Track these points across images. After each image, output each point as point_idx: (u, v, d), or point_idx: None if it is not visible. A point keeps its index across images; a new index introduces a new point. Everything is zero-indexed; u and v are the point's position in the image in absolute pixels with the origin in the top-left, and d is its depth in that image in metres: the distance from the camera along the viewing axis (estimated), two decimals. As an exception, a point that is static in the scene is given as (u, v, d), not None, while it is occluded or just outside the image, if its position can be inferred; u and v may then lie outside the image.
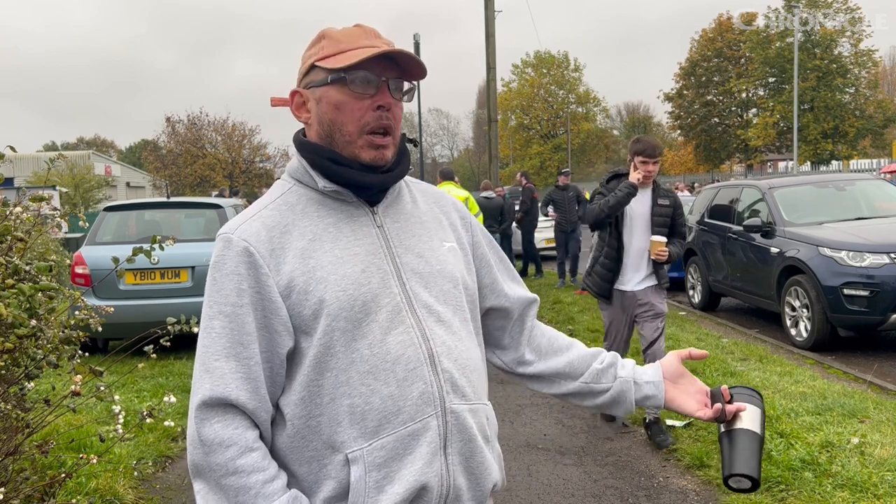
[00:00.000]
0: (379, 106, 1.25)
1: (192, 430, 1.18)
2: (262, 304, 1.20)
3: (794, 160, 33.74)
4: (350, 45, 1.25)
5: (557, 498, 3.65)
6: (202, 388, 1.18)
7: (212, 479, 1.16)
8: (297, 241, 1.23)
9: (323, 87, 1.27)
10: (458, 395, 1.25)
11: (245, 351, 1.19)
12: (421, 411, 1.20)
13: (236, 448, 1.15)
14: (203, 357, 1.20)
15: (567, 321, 8.26)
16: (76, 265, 7.13)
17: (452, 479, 1.23)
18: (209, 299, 1.23)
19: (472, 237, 1.45)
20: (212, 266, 1.24)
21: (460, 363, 1.28)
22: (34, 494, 2.84)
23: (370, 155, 1.26)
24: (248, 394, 1.18)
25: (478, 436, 1.27)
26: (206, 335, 1.21)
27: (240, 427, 1.17)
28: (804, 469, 3.55)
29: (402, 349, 1.21)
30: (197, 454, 1.17)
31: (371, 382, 1.19)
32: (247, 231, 1.23)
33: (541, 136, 57.91)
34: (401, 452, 1.19)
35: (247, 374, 1.18)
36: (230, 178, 36.56)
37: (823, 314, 6.57)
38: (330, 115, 1.27)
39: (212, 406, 1.17)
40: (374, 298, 1.22)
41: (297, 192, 1.29)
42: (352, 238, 1.26)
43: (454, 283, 1.33)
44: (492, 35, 16.44)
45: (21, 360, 2.50)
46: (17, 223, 2.66)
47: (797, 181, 8.74)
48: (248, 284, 1.20)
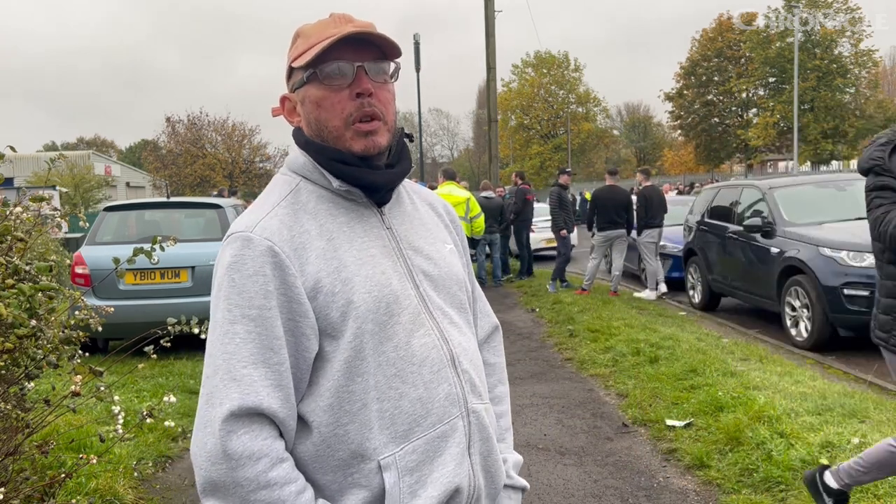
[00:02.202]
0: (358, 94, 1.20)
1: (213, 444, 1.07)
2: (290, 306, 1.13)
3: (795, 160, 33.74)
4: (319, 37, 1.20)
5: (557, 498, 3.65)
6: (229, 398, 1.08)
7: (236, 496, 1.07)
8: (316, 241, 1.18)
9: (303, 87, 1.23)
10: (476, 394, 1.26)
11: (275, 356, 1.11)
12: (448, 413, 1.20)
13: (267, 460, 1.08)
14: (227, 364, 1.10)
15: (567, 321, 8.26)
16: (76, 265, 7.13)
17: (476, 479, 1.23)
18: (227, 302, 1.13)
19: (461, 241, 1.44)
20: (228, 266, 1.14)
21: (474, 363, 1.29)
22: (34, 494, 2.84)
23: (361, 144, 1.21)
24: (280, 402, 1.11)
25: (492, 435, 1.28)
26: (229, 341, 1.11)
27: (269, 437, 1.10)
28: (804, 469, 3.54)
29: (426, 351, 1.20)
30: (219, 470, 1.07)
31: (399, 386, 1.17)
32: (267, 229, 1.16)
33: (541, 136, 57.92)
34: (431, 455, 1.18)
35: (278, 382, 1.11)
36: (230, 178, 36.56)
37: (824, 314, 6.56)
38: (314, 113, 1.23)
39: (240, 417, 1.08)
40: (396, 300, 1.19)
41: (306, 190, 1.24)
42: (365, 239, 1.23)
43: (459, 286, 1.33)
44: (492, 35, 16.44)
45: (21, 360, 2.50)
46: (17, 223, 2.66)
47: (797, 181, 8.75)
48: (274, 286, 1.13)
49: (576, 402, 5.29)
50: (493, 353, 1.49)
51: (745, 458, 3.79)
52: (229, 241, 1.18)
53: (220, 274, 1.16)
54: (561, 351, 7.05)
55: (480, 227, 10.63)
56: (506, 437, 1.43)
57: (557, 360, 6.73)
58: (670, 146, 62.96)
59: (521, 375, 6.12)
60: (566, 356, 6.81)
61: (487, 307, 1.51)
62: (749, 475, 3.64)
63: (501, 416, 1.44)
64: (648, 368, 5.80)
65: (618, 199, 10.15)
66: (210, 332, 1.15)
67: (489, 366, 1.47)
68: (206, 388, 1.12)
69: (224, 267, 1.15)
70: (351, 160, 1.22)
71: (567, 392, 5.58)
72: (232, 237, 1.17)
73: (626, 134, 69.26)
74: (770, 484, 3.50)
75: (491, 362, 1.48)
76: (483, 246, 11.89)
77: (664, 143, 66.33)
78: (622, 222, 10.12)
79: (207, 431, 1.09)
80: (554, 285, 10.88)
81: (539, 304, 9.79)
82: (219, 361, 1.12)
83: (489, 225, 11.34)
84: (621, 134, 68.58)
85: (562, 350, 7.08)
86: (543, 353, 7.02)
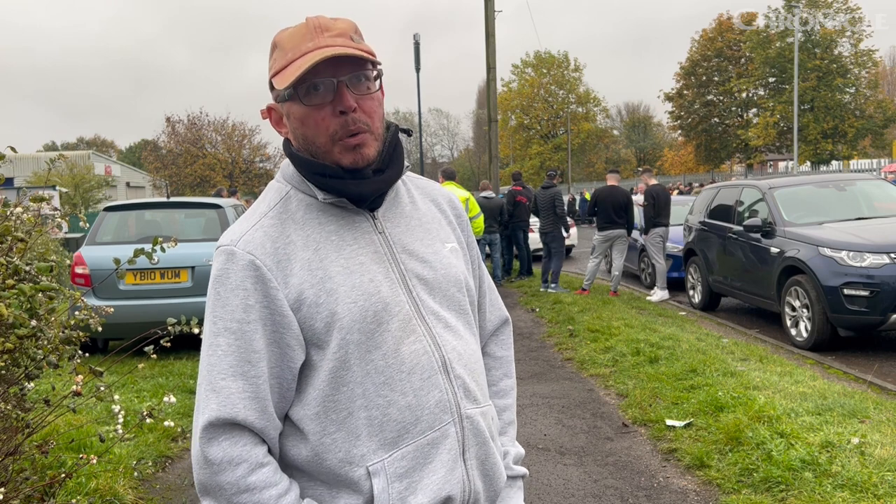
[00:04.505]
0: (341, 111, 1.18)
1: (197, 450, 1.14)
2: (273, 318, 1.15)
3: (794, 160, 33.76)
4: (295, 52, 1.17)
5: (557, 498, 3.65)
6: (208, 409, 1.13)
7: (222, 498, 1.13)
8: (301, 252, 1.19)
9: (286, 102, 1.21)
10: (471, 399, 1.25)
11: (253, 369, 1.14)
12: (439, 419, 1.20)
13: (246, 465, 1.12)
14: (209, 376, 1.15)
15: (567, 321, 8.26)
16: (76, 265, 7.13)
17: (472, 484, 1.23)
18: (213, 315, 1.17)
19: (466, 236, 1.42)
20: (214, 280, 1.18)
21: (470, 367, 1.27)
22: (34, 494, 2.84)
23: (349, 158, 1.20)
24: (257, 413, 1.14)
25: (489, 438, 1.28)
26: (212, 353, 1.16)
27: (248, 444, 1.13)
28: (804, 469, 3.54)
29: (416, 358, 1.19)
30: (204, 474, 1.13)
31: (388, 394, 1.17)
32: (250, 243, 1.17)
33: (541, 136, 57.92)
34: (422, 462, 1.18)
35: (255, 394, 1.14)
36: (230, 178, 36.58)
37: (823, 314, 6.56)
38: (300, 129, 1.21)
39: (218, 426, 1.13)
40: (385, 308, 1.19)
41: (295, 199, 1.24)
42: (355, 246, 1.22)
43: (458, 287, 1.31)
44: (492, 35, 16.44)
45: (21, 360, 2.50)
46: (18, 223, 2.66)
47: (797, 181, 8.74)
48: (255, 300, 1.15)
49: (576, 402, 5.29)
50: (500, 347, 1.49)
51: (745, 458, 3.79)
52: (217, 254, 1.20)
53: (209, 286, 1.19)
54: (561, 351, 7.05)
55: (480, 228, 10.63)
56: (508, 430, 1.43)
57: (557, 360, 6.73)
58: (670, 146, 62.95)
59: (522, 375, 6.12)
60: (566, 356, 6.81)
61: (498, 300, 1.50)
62: (749, 475, 3.64)
63: (505, 409, 1.44)
64: (648, 368, 5.80)
65: (618, 199, 10.16)
66: (202, 341, 1.20)
67: (496, 359, 1.47)
68: (197, 396, 1.18)
69: (212, 280, 1.19)
70: (335, 173, 1.20)
71: (567, 392, 5.58)
72: (219, 251, 1.20)
73: (626, 134, 69.26)
74: (770, 484, 3.50)
75: (498, 355, 1.48)
76: (483, 246, 11.90)
77: (664, 143, 66.35)
78: (622, 222, 10.12)
79: (195, 437, 1.15)
80: (558, 286, 10.88)
81: (539, 304, 9.79)
82: (204, 372, 1.16)
83: (489, 225, 11.34)
84: (621, 134, 68.57)
85: (562, 350, 7.08)
86: (543, 353, 7.02)
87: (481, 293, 1.44)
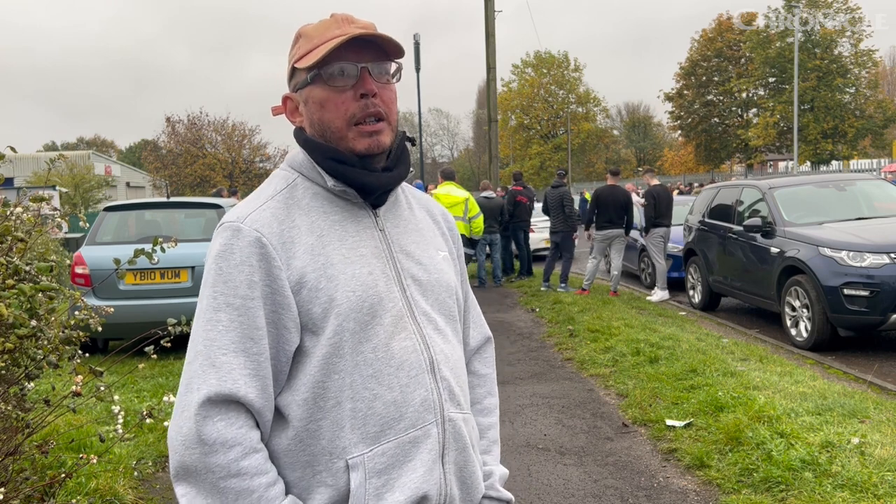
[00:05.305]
0: (362, 95, 1.21)
1: (188, 429, 1.09)
2: (273, 298, 1.15)
3: (794, 160, 33.78)
4: (321, 38, 1.21)
5: (557, 498, 3.65)
6: (206, 384, 1.09)
7: (206, 482, 1.08)
8: (306, 237, 1.19)
9: (306, 87, 1.25)
10: (454, 403, 1.25)
11: (255, 346, 1.13)
12: (422, 418, 1.20)
13: (241, 448, 1.09)
14: (207, 350, 1.11)
15: (567, 321, 8.26)
16: (76, 265, 7.13)
17: (449, 488, 1.23)
18: (213, 290, 1.14)
19: (457, 250, 1.45)
20: (216, 255, 1.16)
21: (455, 372, 1.28)
22: (34, 494, 2.84)
23: (364, 144, 1.22)
24: (257, 391, 1.12)
25: (469, 445, 1.27)
26: (211, 328, 1.13)
27: (244, 426, 1.11)
28: (804, 469, 3.54)
29: (405, 355, 1.20)
30: (192, 455, 1.08)
31: (375, 387, 1.17)
32: (257, 221, 1.17)
33: (541, 136, 57.92)
34: (401, 459, 1.17)
35: (256, 371, 1.12)
36: (230, 178, 36.58)
37: (823, 314, 6.56)
38: (318, 114, 1.24)
39: (216, 403, 1.09)
40: (380, 302, 1.20)
41: (301, 186, 1.26)
42: (357, 238, 1.24)
43: (449, 293, 1.32)
44: (492, 35, 16.45)
45: (21, 360, 2.50)
46: (18, 223, 2.66)
47: (797, 181, 8.74)
48: (259, 276, 1.14)
49: (576, 402, 5.29)
50: (484, 364, 1.49)
51: (745, 458, 3.79)
52: (220, 230, 1.19)
53: (209, 262, 1.17)
54: (561, 351, 7.05)
55: (480, 228, 10.63)
56: (492, 449, 1.43)
57: (557, 360, 6.73)
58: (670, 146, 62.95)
59: (521, 375, 6.12)
60: (566, 356, 6.81)
61: (481, 318, 1.51)
62: (749, 475, 3.64)
63: (489, 427, 1.44)
64: (648, 368, 5.80)
65: (617, 199, 10.16)
66: (195, 319, 1.17)
67: (480, 377, 1.47)
68: (186, 375, 1.14)
69: (213, 255, 1.17)
70: (348, 160, 1.23)
71: (567, 392, 5.58)
72: (223, 227, 1.19)
73: (626, 134, 69.26)
74: (770, 484, 3.50)
75: (482, 373, 1.48)
76: (483, 246, 11.90)
77: (664, 143, 66.35)
78: (621, 222, 10.13)
79: (185, 416, 1.10)
80: (567, 286, 10.85)
81: (539, 304, 9.79)
82: (200, 347, 1.13)
83: (489, 225, 11.34)
84: (621, 134, 68.56)
85: (562, 350, 7.08)
86: (543, 353, 7.02)
87: (466, 308, 1.45)
